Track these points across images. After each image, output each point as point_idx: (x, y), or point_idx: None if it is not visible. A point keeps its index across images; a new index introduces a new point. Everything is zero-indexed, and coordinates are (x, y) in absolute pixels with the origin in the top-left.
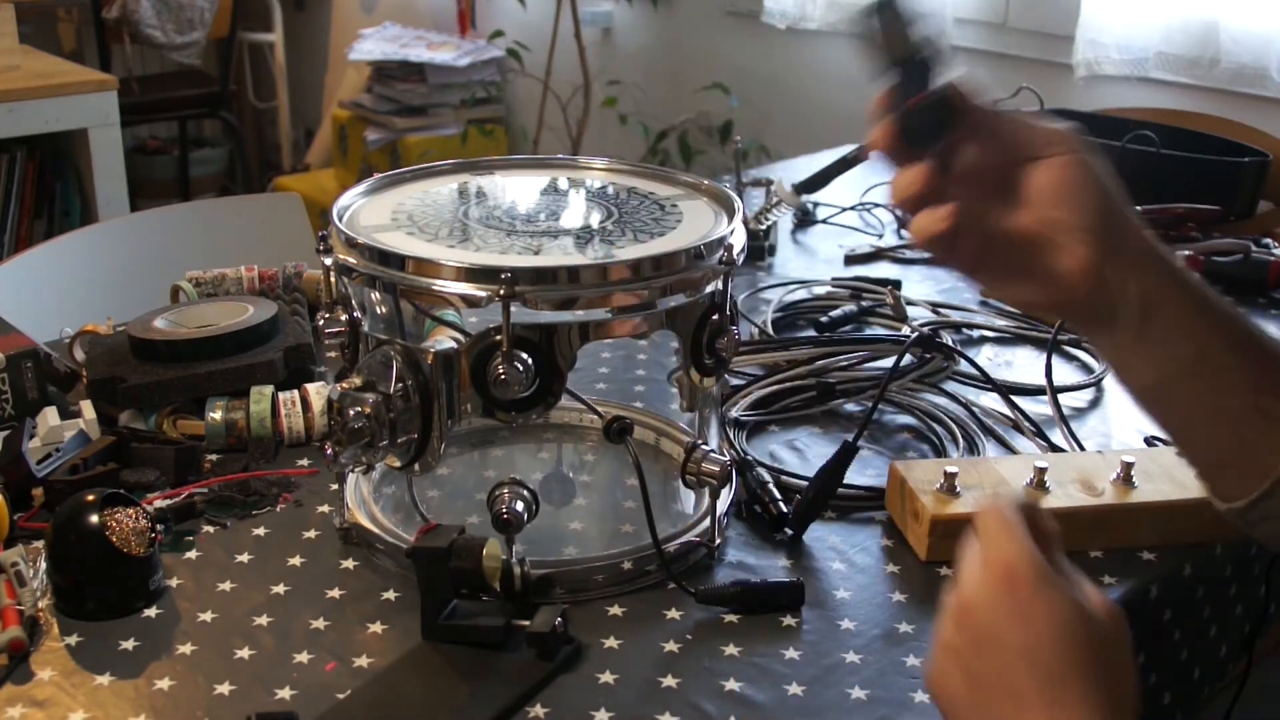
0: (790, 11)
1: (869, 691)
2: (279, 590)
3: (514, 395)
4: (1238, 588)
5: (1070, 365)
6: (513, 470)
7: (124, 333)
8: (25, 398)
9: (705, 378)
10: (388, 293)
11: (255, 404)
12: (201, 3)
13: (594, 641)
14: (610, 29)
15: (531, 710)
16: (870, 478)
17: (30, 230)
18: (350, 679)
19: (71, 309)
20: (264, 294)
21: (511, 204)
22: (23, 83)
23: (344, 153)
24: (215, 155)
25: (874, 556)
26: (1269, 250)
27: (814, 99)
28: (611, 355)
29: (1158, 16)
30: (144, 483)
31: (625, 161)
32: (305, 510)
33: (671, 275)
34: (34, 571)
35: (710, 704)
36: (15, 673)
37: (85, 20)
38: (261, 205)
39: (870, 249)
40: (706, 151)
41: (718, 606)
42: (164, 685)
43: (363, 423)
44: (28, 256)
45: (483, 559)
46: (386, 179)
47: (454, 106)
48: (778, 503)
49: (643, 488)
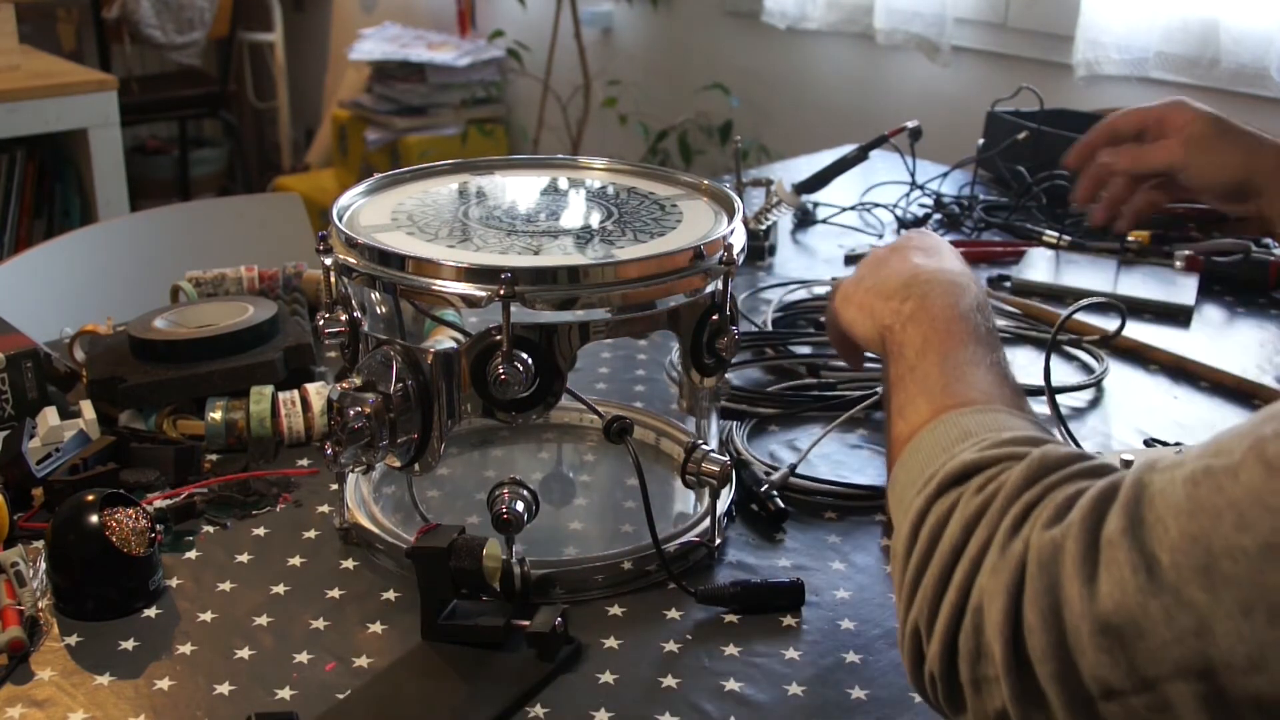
0: (790, 11)
1: (869, 691)
2: (279, 590)
3: (514, 395)
4: None
5: (1070, 365)
6: (513, 470)
7: (124, 333)
8: (25, 398)
9: (705, 378)
10: (388, 293)
11: (255, 404)
12: (201, 3)
13: (594, 641)
14: (610, 29)
15: (531, 710)
16: (870, 478)
17: (30, 230)
18: (350, 679)
19: (71, 309)
20: (264, 294)
21: (511, 204)
22: (23, 83)
23: (344, 153)
24: (215, 155)
25: (874, 556)
26: (1269, 250)
27: (814, 99)
28: (611, 355)
29: (1158, 16)
30: (144, 483)
31: (625, 161)
32: (305, 510)
33: (671, 275)
34: (34, 571)
35: (710, 704)
36: (15, 673)
37: (85, 20)
38: (261, 205)
39: (870, 249)
40: (706, 151)
41: (718, 606)
42: (164, 685)
43: (363, 423)
44: (28, 256)
45: (483, 559)
46: (386, 179)
47: (454, 106)
48: (774, 500)
49: (643, 488)
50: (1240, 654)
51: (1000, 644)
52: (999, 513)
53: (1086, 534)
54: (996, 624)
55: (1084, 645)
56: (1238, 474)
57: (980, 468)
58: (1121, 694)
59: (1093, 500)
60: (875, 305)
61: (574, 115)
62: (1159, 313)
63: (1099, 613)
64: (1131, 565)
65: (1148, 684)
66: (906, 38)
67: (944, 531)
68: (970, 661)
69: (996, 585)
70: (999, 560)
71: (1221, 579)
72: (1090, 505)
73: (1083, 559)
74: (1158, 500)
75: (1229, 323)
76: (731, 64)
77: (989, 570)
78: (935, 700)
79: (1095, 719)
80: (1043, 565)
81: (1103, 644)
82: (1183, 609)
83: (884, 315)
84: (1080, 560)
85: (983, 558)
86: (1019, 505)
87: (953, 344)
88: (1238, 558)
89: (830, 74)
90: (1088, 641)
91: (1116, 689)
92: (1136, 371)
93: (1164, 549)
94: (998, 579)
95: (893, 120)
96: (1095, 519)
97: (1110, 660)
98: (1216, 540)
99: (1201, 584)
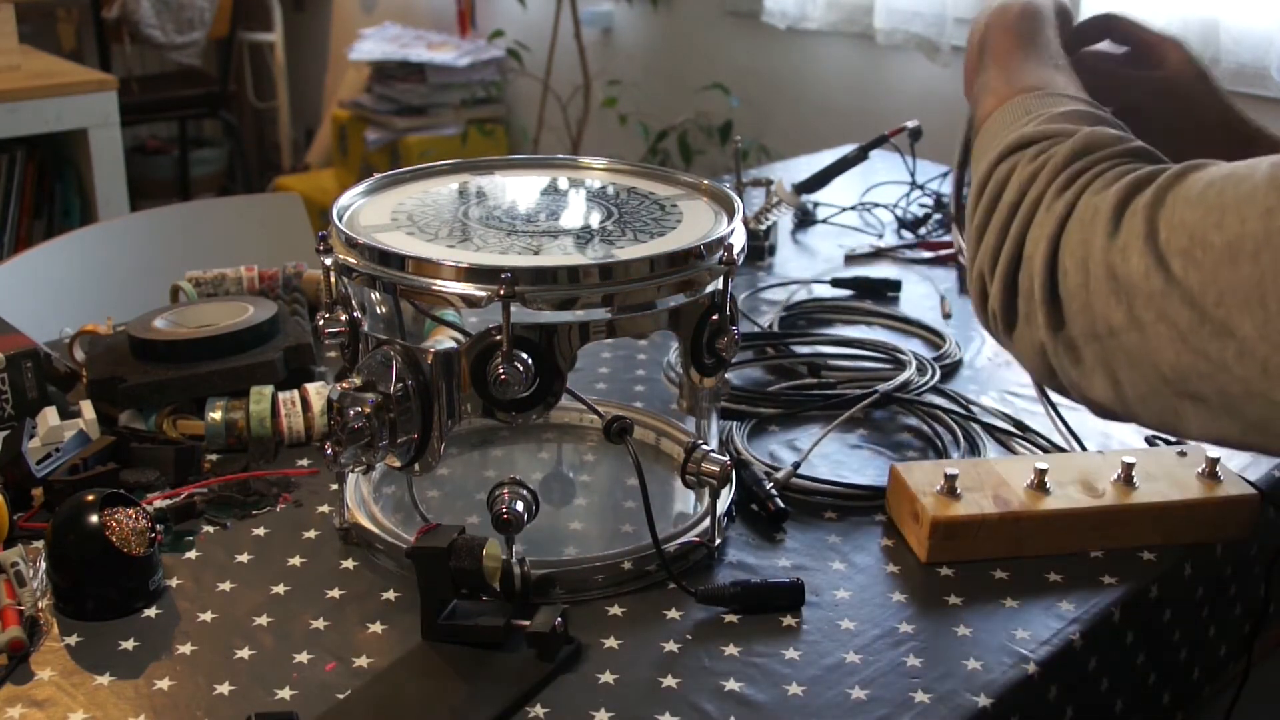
0: (790, 11)
1: (869, 691)
2: (279, 590)
3: (514, 395)
4: (1237, 587)
5: None
6: (513, 470)
7: (124, 333)
8: (25, 398)
9: (705, 378)
10: (388, 293)
11: (255, 404)
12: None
13: (594, 641)
14: (610, 29)
15: (531, 710)
16: (870, 478)
17: (30, 230)
18: (350, 679)
19: (71, 309)
20: (264, 294)
21: (511, 204)
22: (23, 83)
23: (344, 153)
24: (215, 155)
25: (874, 556)
26: None
27: (814, 99)
28: (611, 355)
29: (1158, 16)
30: (144, 483)
31: (625, 161)
32: (305, 510)
33: (672, 275)
34: (34, 571)
35: (710, 704)
36: (15, 673)
37: (85, 20)
38: (261, 205)
39: (870, 249)
40: (706, 151)
41: (718, 606)
42: (164, 685)
43: (363, 423)
44: (28, 256)
45: (483, 559)
46: (386, 179)
47: (454, 106)
48: (774, 500)
49: (643, 488)
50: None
51: (1040, 282)
52: (1049, 178)
53: (1120, 203)
54: (1041, 265)
55: (1100, 288)
56: (1242, 183)
57: (1036, 140)
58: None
59: (1136, 178)
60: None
61: (574, 115)
62: None
63: (1111, 261)
64: (1140, 233)
65: (1138, 325)
66: (906, 38)
67: (1004, 191)
68: (1025, 297)
69: (1042, 234)
70: (1045, 215)
71: (1192, 263)
72: (1132, 181)
73: (1110, 219)
74: (1181, 187)
75: None
76: (731, 64)
77: (1038, 223)
78: (996, 330)
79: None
80: (1083, 222)
81: (1112, 287)
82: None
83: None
84: (1109, 220)
85: (1034, 213)
86: (1066, 173)
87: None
88: (1206, 249)
89: (830, 74)
90: (1104, 285)
91: (1117, 326)
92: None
93: (1165, 225)
94: (1043, 229)
95: (893, 120)
96: (1131, 192)
97: (1116, 302)
98: (1199, 230)
99: (1181, 264)
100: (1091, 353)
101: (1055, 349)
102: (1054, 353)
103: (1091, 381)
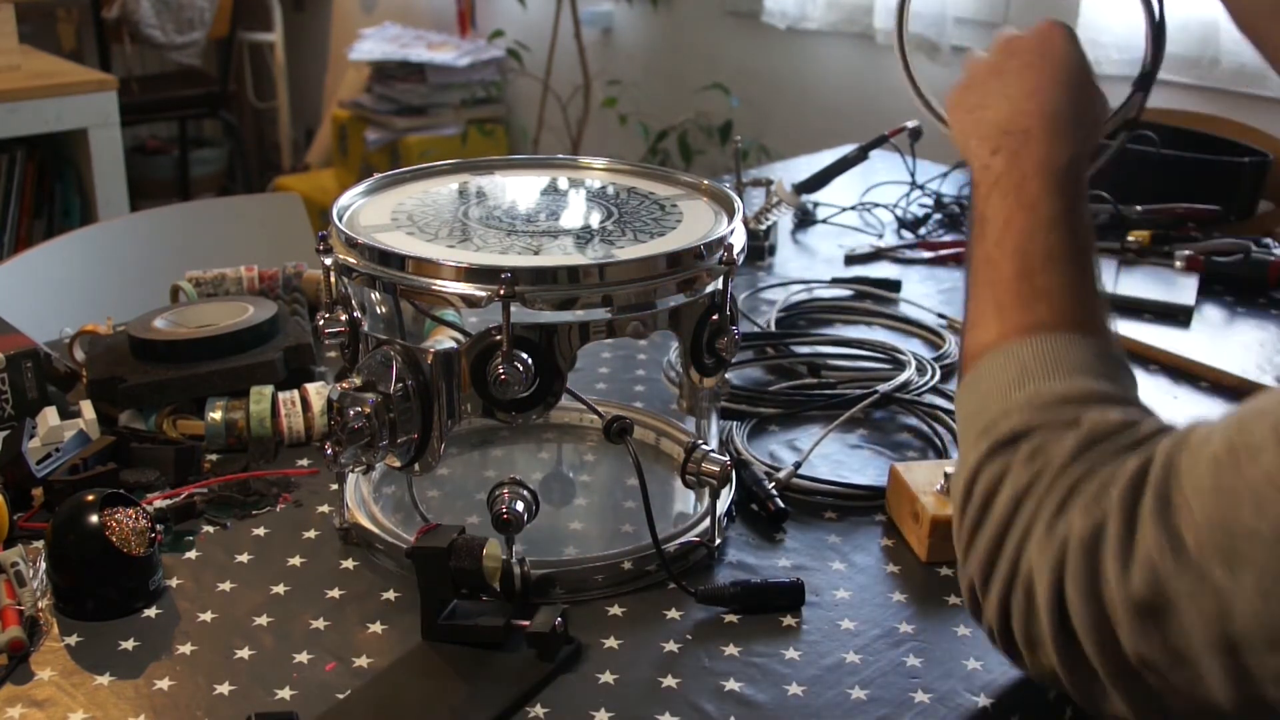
0: (790, 11)
1: (869, 691)
2: (279, 590)
3: (514, 395)
4: None
5: None
6: (513, 470)
7: (124, 333)
8: (25, 398)
9: (705, 378)
10: (388, 293)
11: (255, 404)
12: (201, 3)
13: (594, 641)
14: (610, 29)
15: (531, 710)
16: (870, 478)
17: (30, 230)
18: (350, 679)
19: (71, 309)
20: (264, 294)
21: (511, 204)
22: (23, 83)
23: (344, 153)
24: (215, 155)
25: (874, 556)
26: (1269, 250)
27: (814, 99)
28: (611, 355)
29: None
30: (144, 483)
31: (625, 161)
32: (305, 510)
33: (671, 275)
34: (34, 571)
35: (710, 704)
36: (15, 673)
37: (85, 20)
38: (261, 205)
39: (870, 249)
40: (706, 151)
41: (718, 606)
42: (164, 685)
43: (363, 423)
44: (28, 256)
45: (483, 559)
46: (386, 179)
47: (454, 106)
48: (774, 500)
49: (643, 488)
50: (1259, 635)
51: (1047, 615)
52: (1046, 489)
53: (1125, 517)
54: (1044, 598)
55: (1121, 622)
56: (1258, 456)
57: (1029, 433)
58: (1159, 667)
59: (1130, 481)
60: (970, 143)
61: (574, 115)
62: (1159, 313)
63: (1132, 592)
64: (1159, 546)
65: (1181, 658)
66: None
67: (995, 500)
68: (1023, 622)
69: (1042, 562)
70: (1045, 538)
71: (1240, 561)
72: (1127, 487)
73: (1120, 541)
74: (1185, 481)
75: (1229, 323)
76: (731, 64)
77: (1036, 547)
78: (996, 644)
79: (1139, 686)
80: (1085, 548)
81: (1138, 622)
82: (1206, 589)
83: (976, 160)
84: (1119, 542)
85: (1030, 532)
86: (1064, 482)
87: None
88: (1255, 542)
89: (830, 74)
90: (1124, 619)
91: (1153, 663)
92: (1137, 371)
93: (1189, 530)
94: (1043, 556)
95: (893, 120)
96: (1132, 500)
97: (1145, 637)
98: (1236, 523)
99: (1223, 565)
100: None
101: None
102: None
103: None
